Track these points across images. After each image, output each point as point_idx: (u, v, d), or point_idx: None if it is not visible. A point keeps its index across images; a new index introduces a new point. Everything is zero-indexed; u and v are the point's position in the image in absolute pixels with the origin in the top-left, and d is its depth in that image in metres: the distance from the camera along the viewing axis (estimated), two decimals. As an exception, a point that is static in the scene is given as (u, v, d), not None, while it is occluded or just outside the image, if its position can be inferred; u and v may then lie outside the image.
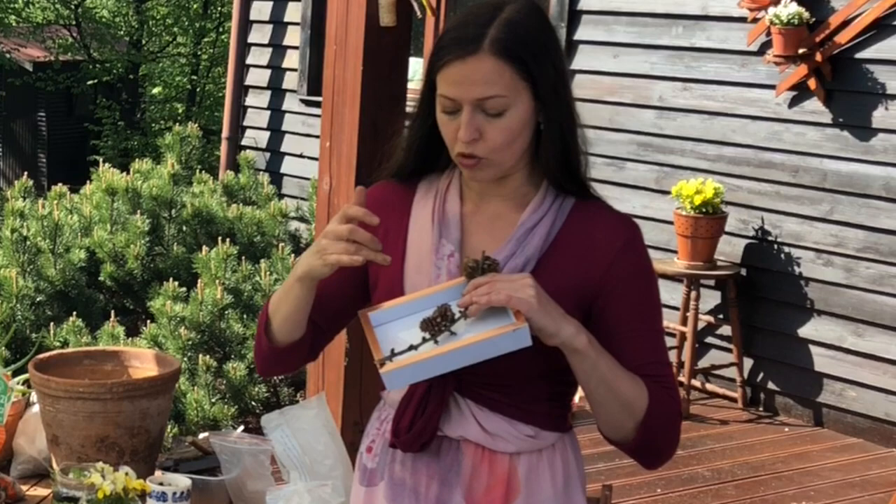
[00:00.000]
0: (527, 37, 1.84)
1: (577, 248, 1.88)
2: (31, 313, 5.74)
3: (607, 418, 1.88)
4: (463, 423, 1.92)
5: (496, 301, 1.74)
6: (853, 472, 5.21)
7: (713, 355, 6.17)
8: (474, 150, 1.84)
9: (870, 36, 5.56)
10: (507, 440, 1.92)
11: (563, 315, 1.79)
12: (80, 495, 2.34)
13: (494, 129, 1.83)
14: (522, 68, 1.82)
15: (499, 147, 1.84)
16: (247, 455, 2.62)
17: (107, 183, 6.55)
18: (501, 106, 1.82)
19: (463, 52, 1.82)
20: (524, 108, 1.84)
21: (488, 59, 1.81)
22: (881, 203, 5.57)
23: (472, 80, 1.81)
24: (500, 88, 1.81)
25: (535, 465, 1.93)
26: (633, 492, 4.83)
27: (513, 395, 1.91)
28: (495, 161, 1.86)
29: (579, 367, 1.83)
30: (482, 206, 1.95)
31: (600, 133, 6.64)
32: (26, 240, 5.94)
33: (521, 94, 1.83)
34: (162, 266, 6.31)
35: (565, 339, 1.79)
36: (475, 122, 1.83)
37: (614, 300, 1.87)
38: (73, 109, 18.37)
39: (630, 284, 1.90)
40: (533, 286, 1.76)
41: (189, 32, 18.59)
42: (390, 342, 1.81)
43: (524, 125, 1.85)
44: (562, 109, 1.89)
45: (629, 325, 1.88)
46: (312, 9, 8.21)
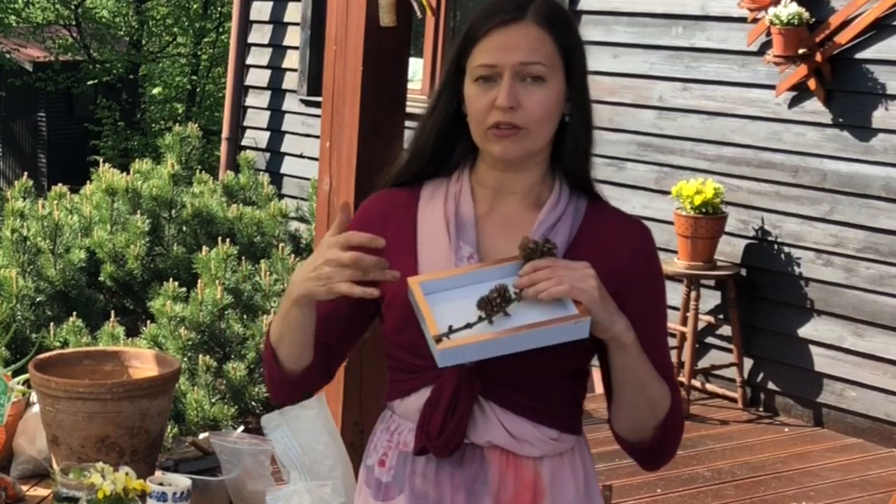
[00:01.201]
0: (566, 18, 1.91)
1: (595, 250, 1.88)
2: (31, 313, 5.74)
3: (633, 417, 1.90)
4: (489, 428, 1.89)
5: (558, 292, 1.74)
6: (853, 473, 5.21)
7: (713, 355, 6.17)
8: (513, 118, 1.83)
9: (870, 36, 5.56)
10: (533, 444, 1.90)
11: (617, 309, 1.80)
12: (80, 495, 2.34)
13: (532, 98, 1.84)
14: (562, 43, 1.86)
15: (537, 118, 1.84)
16: (247, 455, 2.62)
17: (107, 183, 6.55)
18: (542, 73, 1.84)
19: (507, 19, 1.85)
20: (558, 86, 1.86)
21: (533, 26, 1.84)
22: (881, 203, 5.57)
23: (517, 45, 1.83)
24: (542, 56, 1.84)
25: (557, 468, 1.93)
26: (633, 492, 4.83)
27: (536, 397, 1.90)
28: (532, 132, 1.85)
29: (620, 363, 1.84)
30: (496, 207, 1.94)
31: (600, 133, 6.55)
32: (26, 240, 5.94)
33: (558, 72, 1.86)
34: (162, 266, 6.31)
35: (617, 333, 1.80)
36: (514, 90, 1.83)
37: (630, 303, 1.87)
38: (73, 109, 18.37)
39: (645, 288, 1.92)
40: (594, 276, 1.76)
41: (189, 32, 18.59)
42: (445, 317, 1.76)
43: (558, 104, 1.87)
44: (586, 103, 1.91)
45: (643, 328, 1.87)
46: (312, 9, 8.20)
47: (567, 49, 1.87)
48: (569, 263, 1.78)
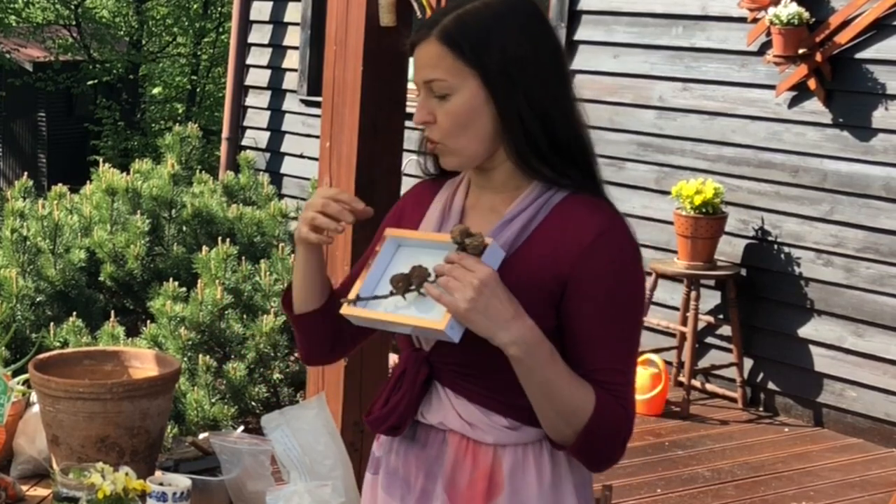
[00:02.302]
0: (476, 26, 1.89)
1: (550, 244, 1.87)
2: (31, 313, 5.74)
3: (544, 421, 1.88)
4: (442, 409, 1.95)
5: (431, 295, 1.80)
6: (853, 473, 5.21)
7: (713, 355, 6.17)
8: (430, 133, 1.93)
9: (870, 36, 5.56)
10: (485, 430, 1.92)
11: (506, 320, 1.78)
12: (80, 495, 2.34)
13: (442, 112, 1.90)
14: (466, 54, 1.88)
15: (448, 131, 1.90)
16: (247, 455, 2.62)
17: (107, 183, 6.55)
18: (444, 89, 1.89)
19: (417, 38, 1.93)
20: (470, 94, 1.88)
21: (434, 44, 1.89)
22: (881, 203, 5.57)
23: (422, 64, 1.91)
24: (441, 72, 1.88)
25: (519, 461, 1.93)
26: (633, 492, 4.83)
27: (486, 385, 1.92)
28: (450, 146, 1.92)
29: (516, 370, 1.83)
30: (481, 199, 2.00)
31: (600, 133, 6.64)
32: (26, 240, 5.93)
33: (467, 81, 1.88)
34: (162, 266, 6.31)
35: (501, 344, 1.79)
36: (427, 105, 1.91)
37: (579, 299, 1.85)
38: (73, 109, 18.37)
39: (597, 285, 1.86)
40: (476, 287, 1.75)
41: (189, 32, 18.59)
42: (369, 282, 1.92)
43: (472, 112, 1.89)
44: (518, 97, 1.88)
45: (590, 328, 1.85)
46: (312, 9, 8.21)
47: (475, 57, 1.87)
48: (470, 265, 1.78)
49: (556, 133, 1.91)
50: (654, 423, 5.68)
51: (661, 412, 5.79)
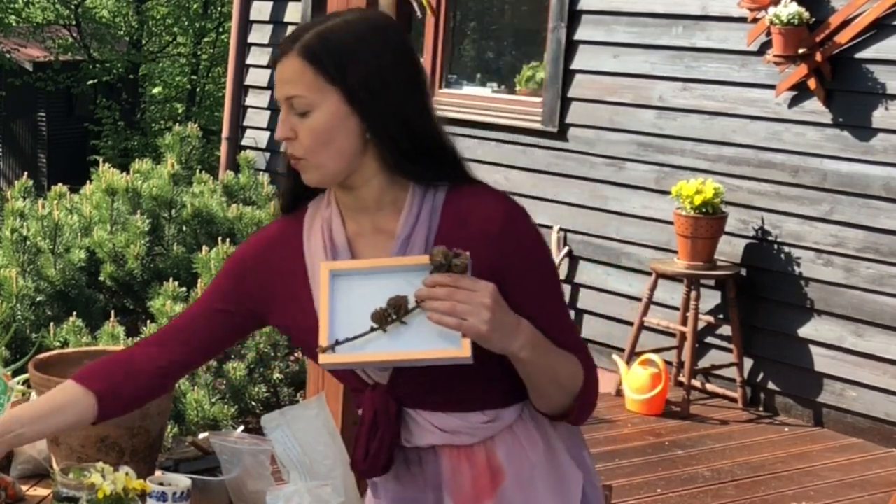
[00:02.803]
0: (337, 42, 1.89)
1: (457, 244, 1.85)
2: (31, 313, 5.74)
3: (549, 401, 1.93)
4: (423, 432, 1.96)
5: (448, 325, 1.75)
6: (853, 472, 5.21)
7: (713, 355, 6.17)
8: (292, 149, 1.91)
9: (870, 36, 5.56)
10: (469, 433, 1.95)
11: (513, 330, 1.80)
12: (80, 495, 2.33)
13: (303, 128, 1.89)
14: (326, 71, 1.87)
15: (309, 147, 1.89)
16: (247, 455, 2.62)
17: (107, 183, 6.55)
18: (305, 106, 1.88)
19: (279, 53, 1.92)
20: (331, 110, 1.88)
21: (295, 59, 1.89)
22: (881, 203, 5.57)
23: (282, 80, 1.91)
24: (302, 88, 1.88)
25: (511, 443, 1.97)
26: (633, 492, 4.83)
27: (458, 392, 1.93)
28: (313, 162, 1.90)
29: (523, 370, 1.86)
30: (361, 224, 1.97)
31: (600, 133, 6.64)
32: (26, 240, 5.94)
33: (328, 97, 1.88)
34: (162, 266, 6.31)
35: (513, 352, 1.82)
36: (289, 122, 1.90)
37: (509, 287, 1.84)
38: (73, 109, 18.38)
39: (520, 269, 1.89)
40: (489, 307, 1.76)
41: (189, 32, 18.60)
42: (339, 322, 1.83)
43: (333, 128, 1.88)
44: (382, 110, 1.89)
45: (531, 309, 1.87)
46: (312, 9, 8.20)
47: (336, 74, 1.87)
48: (470, 286, 1.77)
49: (422, 139, 1.92)
50: (654, 423, 5.68)
51: (661, 412, 5.79)
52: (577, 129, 6.75)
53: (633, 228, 6.47)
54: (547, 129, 6.85)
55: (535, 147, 6.95)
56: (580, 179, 6.73)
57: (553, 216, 6.80)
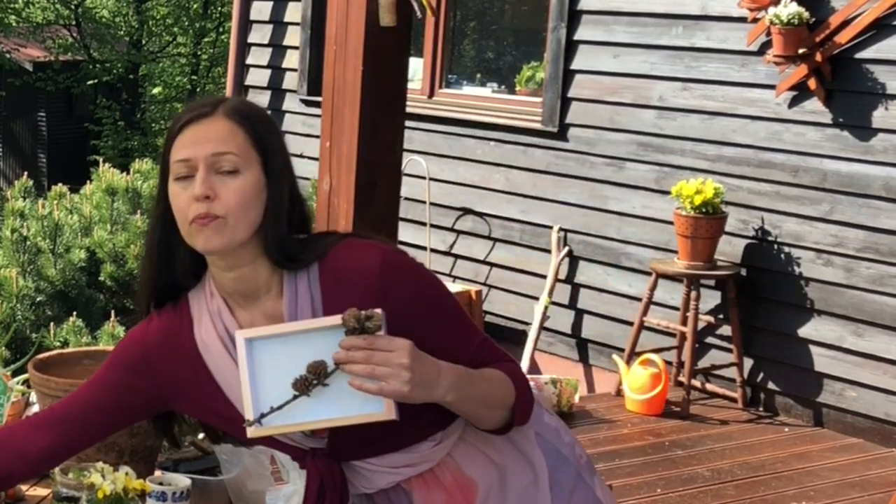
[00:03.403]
0: (258, 113, 1.93)
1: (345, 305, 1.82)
2: (31, 313, 5.74)
3: (488, 423, 1.93)
4: (380, 476, 1.95)
5: (369, 391, 1.75)
6: (853, 472, 5.21)
7: (713, 355, 6.17)
8: (210, 208, 1.85)
9: (870, 36, 5.56)
10: (424, 460, 1.95)
11: (435, 379, 1.80)
12: (80, 495, 2.33)
13: (228, 189, 1.85)
14: (254, 135, 1.87)
15: (234, 206, 1.85)
16: (247, 455, 2.62)
17: (107, 183, 6.56)
18: (234, 164, 1.85)
19: (199, 114, 1.89)
20: (255, 176, 1.87)
21: (223, 119, 1.88)
22: (881, 203, 5.57)
23: (207, 138, 1.86)
24: (234, 147, 1.86)
25: (469, 452, 1.97)
26: (633, 492, 4.83)
27: (396, 433, 1.92)
28: (229, 222, 1.85)
29: (454, 409, 1.87)
30: (252, 312, 1.94)
31: (600, 133, 6.64)
32: (26, 240, 5.94)
33: (253, 164, 1.87)
34: (162, 266, 6.31)
35: (436, 400, 1.82)
36: (209, 181, 1.85)
37: (411, 330, 1.83)
38: (73, 109, 18.39)
39: (413, 309, 1.88)
40: (408, 367, 1.75)
41: (189, 32, 18.61)
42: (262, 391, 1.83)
43: (256, 194, 1.87)
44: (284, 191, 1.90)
45: (440, 340, 1.88)
46: (312, 9, 8.20)
47: (261, 141, 1.88)
48: (386, 346, 1.76)
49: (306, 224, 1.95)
50: (654, 423, 5.67)
51: (661, 412, 5.79)
52: (577, 129, 6.74)
53: (633, 228, 6.47)
54: (547, 129, 6.85)
55: (534, 147, 6.95)
56: (580, 179, 6.73)
57: (553, 216, 6.80)
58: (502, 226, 7.10)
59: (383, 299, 1.84)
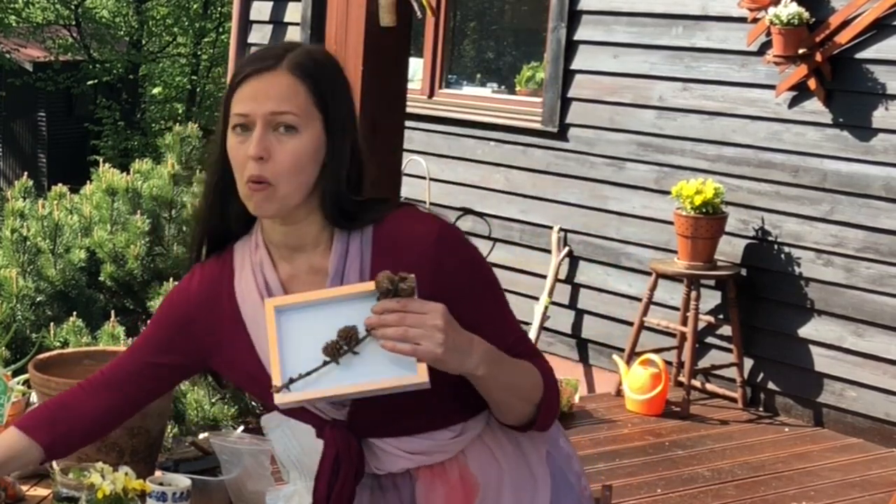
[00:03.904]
0: (325, 67, 1.86)
1: (396, 270, 1.79)
2: (31, 313, 5.74)
3: (511, 414, 1.90)
4: (394, 458, 1.93)
5: (402, 352, 1.72)
6: (853, 472, 5.21)
7: (713, 355, 6.17)
8: (263, 171, 1.81)
9: (870, 36, 5.56)
10: (439, 451, 1.93)
11: (467, 348, 1.77)
12: (80, 495, 2.33)
13: (284, 150, 1.81)
14: (317, 93, 1.82)
15: (286, 171, 1.81)
16: (247, 455, 2.62)
17: (107, 183, 6.55)
18: (294, 122, 1.81)
19: (260, 68, 1.82)
20: (314, 136, 1.83)
21: (285, 75, 1.82)
22: (881, 203, 5.57)
23: (267, 95, 1.81)
24: (294, 106, 1.81)
25: (482, 453, 1.96)
26: (633, 492, 4.83)
27: (419, 414, 1.90)
28: (281, 189, 1.82)
29: (482, 387, 1.84)
30: (295, 265, 1.92)
31: (600, 133, 6.64)
32: (26, 240, 5.93)
33: (313, 122, 1.83)
34: (162, 266, 6.31)
35: (467, 372, 1.79)
36: (266, 141, 1.81)
37: (456, 305, 1.81)
38: (73, 109, 18.39)
39: (462, 285, 1.86)
40: (442, 328, 1.72)
41: (189, 32, 18.61)
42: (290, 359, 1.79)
43: (312, 155, 1.83)
44: (345, 149, 1.87)
45: (482, 321, 1.85)
46: (312, 9, 8.20)
47: (323, 99, 1.83)
48: (419, 308, 1.73)
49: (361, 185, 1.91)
50: (654, 423, 5.67)
51: (662, 412, 5.79)
52: (577, 129, 6.75)
53: (633, 228, 6.47)
54: (547, 129, 6.85)
55: (534, 147, 6.95)
56: (580, 179, 6.73)
57: (553, 216, 6.80)
58: (502, 226, 7.11)
59: (435, 270, 1.83)
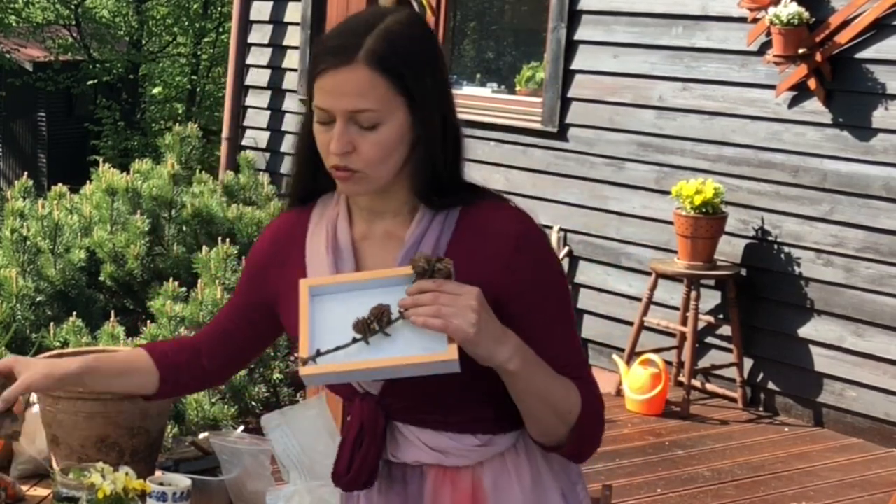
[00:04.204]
0: (405, 49, 1.78)
1: (471, 256, 1.80)
2: (31, 313, 5.74)
3: (542, 428, 1.84)
4: (411, 448, 1.89)
5: (432, 326, 1.69)
6: (853, 473, 5.21)
7: (713, 355, 6.17)
8: (347, 162, 1.79)
9: (870, 36, 5.56)
10: (459, 455, 1.88)
11: (500, 337, 1.73)
12: (80, 495, 2.33)
13: (367, 142, 1.77)
14: (398, 82, 1.76)
15: (372, 161, 1.79)
16: (247, 455, 2.62)
17: (107, 183, 6.55)
18: (374, 120, 1.76)
19: (337, 62, 1.76)
20: (399, 122, 1.78)
21: (363, 70, 1.75)
22: (881, 203, 5.57)
23: (345, 92, 1.76)
24: (373, 102, 1.76)
25: (499, 472, 1.90)
26: (633, 492, 4.83)
27: (453, 411, 1.87)
28: (370, 175, 1.81)
29: (513, 387, 1.78)
30: (372, 227, 1.90)
31: (600, 133, 6.64)
32: (26, 240, 5.93)
33: (397, 109, 1.78)
34: (162, 266, 6.31)
35: (500, 362, 1.74)
36: (348, 135, 1.77)
37: (521, 302, 1.80)
38: (73, 109, 18.38)
39: (533, 286, 1.83)
40: (476, 310, 1.69)
41: (189, 32, 18.60)
42: (320, 335, 1.76)
43: (399, 140, 1.79)
44: (436, 125, 1.82)
45: (542, 326, 1.82)
46: (312, 9, 8.21)
47: (406, 83, 1.77)
48: (454, 289, 1.71)
49: (458, 156, 1.86)
50: (654, 423, 5.68)
51: (661, 412, 5.79)
52: (577, 129, 6.75)
53: (633, 228, 6.47)
54: (547, 129, 6.85)
55: (534, 147, 6.95)
56: (580, 179, 6.73)
57: (553, 216, 6.80)
58: (502, 226, 7.10)
59: (509, 268, 1.81)
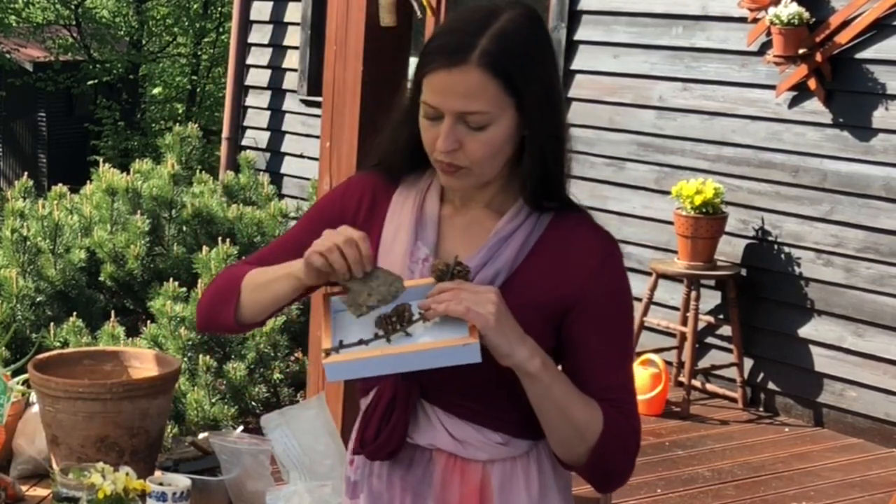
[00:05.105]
0: (518, 50, 1.77)
1: (552, 263, 1.83)
2: (31, 313, 5.74)
3: (558, 440, 1.84)
4: (431, 431, 1.89)
5: (454, 311, 1.70)
6: (853, 473, 5.21)
7: (713, 355, 6.17)
8: (454, 159, 1.80)
9: (870, 36, 5.56)
10: (478, 448, 1.88)
11: (521, 337, 1.75)
12: (80, 495, 2.33)
13: (475, 142, 1.78)
14: (509, 84, 1.76)
15: (478, 160, 1.80)
16: (247, 455, 2.62)
17: (107, 183, 6.55)
18: (483, 121, 1.77)
19: (449, 62, 1.75)
20: (508, 123, 1.79)
21: (475, 72, 1.74)
22: (881, 203, 5.57)
23: (455, 92, 1.75)
24: (484, 104, 1.76)
25: (508, 474, 1.90)
26: (633, 492, 4.83)
27: (479, 402, 1.87)
28: (475, 172, 1.82)
29: (531, 390, 1.79)
30: (461, 211, 1.91)
31: (600, 133, 6.64)
32: (26, 240, 5.93)
33: (506, 111, 1.78)
34: (162, 266, 6.31)
35: (518, 361, 1.75)
36: (455, 134, 1.78)
37: (585, 319, 1.82)
38: (73, 109, 18.36)
39: (603, 305, 1.84)
40: (495, 302, 1.71)
41: (189, 32, 18.58)
42: (342, 331, 1.78)
43: (506, 140, 1.80)
44: (545, 126, 1.83)
45: (598, 347, 1.83)
46: (312, 9, 8.21)
47: (516, 85, 1.76)
48: (475, 287, 1.73)
49: (563, 158, 1.88)
50: (654, 423, 5.67)
51: (662, 412, 5.79)
52: (577, 129, 6.74)
53: (633, 228, 6.47)
54: (547, 129, 6.84)
55: (535, 147, 6.94)
56: (580, 179, 6.73)
57: (553, 216, 6.79)
58: (502, 226, 7.10)
59: (586, 287, 1.83)
